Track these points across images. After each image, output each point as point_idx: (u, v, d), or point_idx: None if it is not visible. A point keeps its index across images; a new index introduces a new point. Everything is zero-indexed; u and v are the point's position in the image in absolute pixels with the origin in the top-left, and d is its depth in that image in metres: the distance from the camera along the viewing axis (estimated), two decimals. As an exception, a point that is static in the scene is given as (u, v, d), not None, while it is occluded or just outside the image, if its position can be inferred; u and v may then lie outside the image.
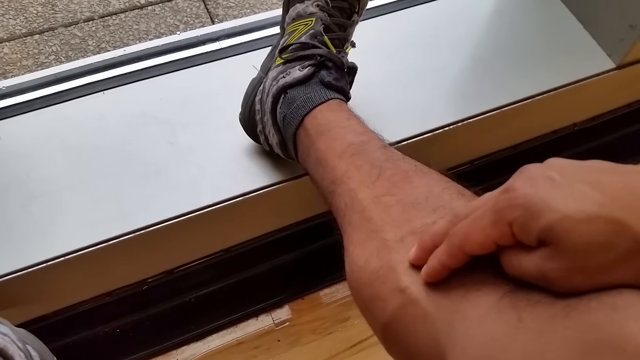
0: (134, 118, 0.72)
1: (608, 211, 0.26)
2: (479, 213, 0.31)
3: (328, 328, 0.78)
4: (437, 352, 0.34)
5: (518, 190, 0.29)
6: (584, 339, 0.27)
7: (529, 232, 0.29)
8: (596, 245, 0.26)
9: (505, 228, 0.30)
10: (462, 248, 0.32)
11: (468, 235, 0.31)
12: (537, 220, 0.28)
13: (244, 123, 0.67)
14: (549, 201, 0.28)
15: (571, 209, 0.27)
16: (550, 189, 0.28)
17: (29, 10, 1.19)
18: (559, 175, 0.29)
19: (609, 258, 0.26)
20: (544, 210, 0.28)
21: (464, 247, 0.32)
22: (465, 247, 0.32)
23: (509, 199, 0.29)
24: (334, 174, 0.48)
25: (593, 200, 0.27)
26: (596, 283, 0.27)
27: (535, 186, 0.29)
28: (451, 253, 0.33)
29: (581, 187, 0.27)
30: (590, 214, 0.27)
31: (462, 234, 0.32)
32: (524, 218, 0.28)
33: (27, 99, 0.74)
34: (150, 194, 0.66)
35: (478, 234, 0.31)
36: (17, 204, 0.65)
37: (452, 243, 0.33)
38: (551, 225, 0.27)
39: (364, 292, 0.40)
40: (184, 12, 1.21)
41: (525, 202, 0.29)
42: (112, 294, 0.72)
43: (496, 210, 0.30)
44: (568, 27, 0.86)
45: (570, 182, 0.28)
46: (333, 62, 0.58)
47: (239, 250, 0.77)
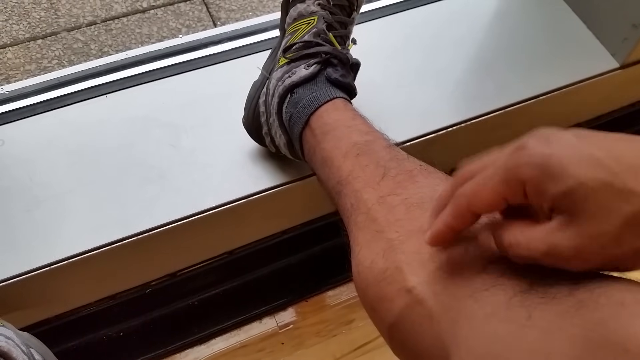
0: (137, 121, 0.72)
1: (621, 180, 0.26)
2: (489, 171, 0.30)
3: (332, 330, 0.78)
4: (443, 353, 0.33)
5: (534, 149, 0.28)
6: (589, 336, 0.26)
7: (543, 194, 0.28)
8: (608, 212, 0.26)
9: (518, 186, 0.29)
10: (469, 207, 0.31)
11: (476, 193, 0.30)
12: (554, 183, 0.27)
13: (248, 126, 0.67)
14: (567, 165, 0.27)
15: (588, 176, 0.26)
16: (567, 151, 0.27)
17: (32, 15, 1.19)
18: (576, 138, 0.28)
19: (618, 225, 0.26)
20: (561, 174, 0.27)
21: (472, 206, 0.31)
22: (473, 206, 0.31)
23: (525, 156, 0.28)
24: (339, 174, 0.48)
25: (609, 169, 0.26)
26: (606, 255, 0.27)
27: (551, 146, 0.28)
28: (457, 213, 0.31)
29: (598, 154, 0.27)
30: (605, 182, 0.26)
31: (470, 193, 0.31)
32: (540, 179, 0.28)
33: (30, 103, 0.74)
34: (154, 197, 0.66)
35: (488, 192, 0.30)
36: (20, 208, 0.65)
37: (458, 203, 0.31)
38: (569, 191, 0.27)
39: (370, 293, 0.39)
40: (186, 16, 1.21)
41: (542, 162, 0.27)
42: (115, 297, 0.72)
43: (509, 167, 0.29)
44: (571, 27, 0.85)
45: (587, 147, 0.27)
46: (338, 59, 0.58)
47: (243, 252, 0.77)
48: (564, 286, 0.30)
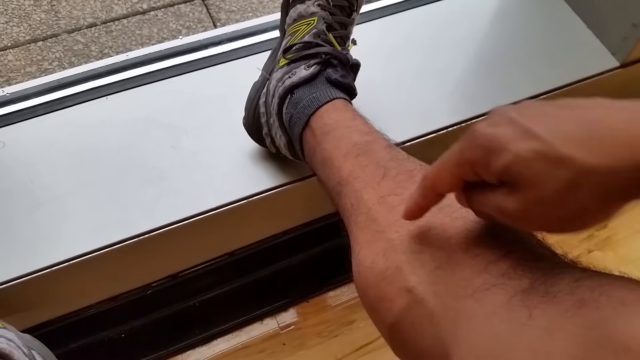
0: (137, 123, 0.72)
1: (553, 148, 0.28)
2: (447, 155, 0.33)
3: (333, 331, 0.78)
4: (443, 353, 0.33)
5: (478, 131, 0.31)
6: (590, 335, 0.26)
7: (489, 171, 0.30)
8: (544, 179, 0.28)
9: (469, 167, 0.32)
10: (433, 188, 0.35)
11: (437, 175, 0.34)
12: (496, 159, 0.30)
13: (248, 127, 0.67)
14: (505, 142, 0.29)
15: (523, 148, 0.29)
16: (507, 129, 0.30)
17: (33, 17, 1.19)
18: (517, 113, 0.30)
19: (555, 189, 0.28)
20: (500, 151, 0.29)
21: (435, 187, 0.34)
22: (436, 187, 0.34)
23: (471, 140, 0.31)
24: (339, 175, 0.48)
25: (541, 139, 0.28)
26: (547, 217, 0.29)
27: (494, 126, 0.31)
28: (424, 194, 0.35)
29: (534, 127, 0.29)
30: (537, 152, 0.28)
31: (432, 175, 0.34)
32: (484, 158, 0.30)
33: (30, 105, 0.74)
34: (154, 198, 0.66)
35: (445, 174, 0.33)
36: (21, 210, 0.65)
37: (424, 185, 0.35)
38: (508, 164, 0.29)
39: (370, 293, 0.39)
40: (186, 17, 1.21)
41: (484, 142, 0.30)
42: (116, 298, 0.72)
43: (460, 151, 0.32)
44: (571, 26, 0.85)
45: (526, 122, 0.29)
46: (338, 60, 0.59)
47: (244, 253, 0.77)
48: (565, 285, 0.30)
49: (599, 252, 0.88)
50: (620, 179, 0.27)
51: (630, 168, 0.26)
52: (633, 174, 0.26)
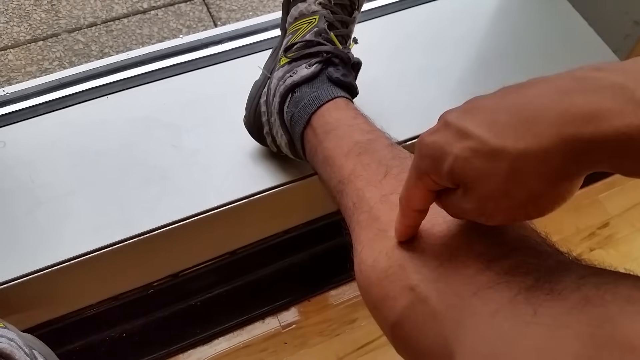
0: (138, 122, 0.72)
1: (485, 143, 0.28)
2: (408, 174, 0.34)
3: (335, 330, 0.77)
4: (446, 351, 0.33)
5: (422, 141, 0.31)
6: (595, 333, 0.26)
7: (441, 177, 0.31)
8: (486, 173, 0.28)
9: (428, 179, 0.32)
10: (410, 207, 0.35)
11: (407, 194, 0.34)
12: (441, 165, 0.30)
13: (249, 126, 0.67)
14: (444, 145, 0.30)
15: (460, 148, 0.29)
16: (443, 133, 0.30)
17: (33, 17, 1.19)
18: (452, 116, 0.30)
19: (498, 182, 0.28)
20: (443, 155, 0.30)
21: (411, 205, 0.35)
22: (411, 205, 0.35)
23: (418, 151, 0.32)
24: (341, 173, 0.48)
25: (473, 136, 0.28)
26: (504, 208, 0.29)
27: (433, 134, 0.31)
28: (405, 214, 0.36)
29: (463, 125, 0.29)
30: (472, 150, 0.28)
31: (404, 196, 0.35)
32: (433, 166, 0.31)
33: (31, 105, 0.74)
34: (155, 198, 0.66)
35: (413, 191, 0.34)
36: (22, 209, 0.65)
37: (401, 206, 0.36)
38: (450, 167, 0.29)
39: (373, 292, 0.39)
40: (186, 16, 1.21)
41: (428, 151, 0.31)
42: (117, 298, 0.72)
43: (414, 165, 0.33)
44: (572, 24, 0.85)
45: (457, 121, 0.29)
46: (340, 58, 0.58)
47: (245, 252, 0.77)
48: (570, 282, 0.30)
49: (600, 251, 0.88)
50: (555, 158, 0.26)
51: (560, 146, 0.26)
52: (565, 150, 0.26)
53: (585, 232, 0.89)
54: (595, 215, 0.91)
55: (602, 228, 0.90)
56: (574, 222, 0.90)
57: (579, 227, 0.90)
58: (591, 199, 0.92)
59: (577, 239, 0.88)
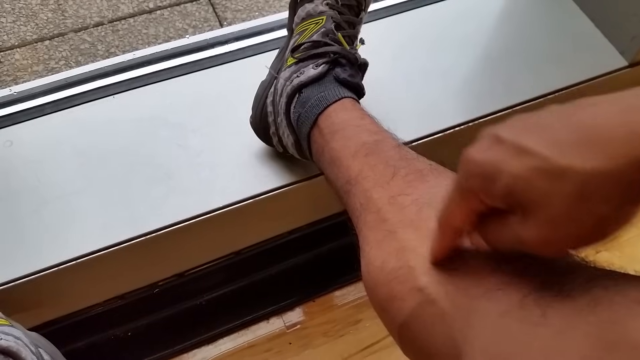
0: (144, 122, 0.72)
1: (550, 161, 0.26)
2: (450, 192, 0.32)
3: (340, 331, 0.77)
4: (454, 352, 0.33)
5: (469, 159, 0.30)
6: (604, 335, 0.26)
7: (493, 198, 0.29)
8: (551, 195, 0.26)
9: (475, 199, 0.30)
10: (450, 228, 0.33)
11: (449, 215, 0.33)
12: (495, 185, 0.28)
13: (256, 126, 0.67)
14: (499, 164, 0.28)
15: (519, 167, 0.27)
16: (496, 150, 0.28)
17: (40, 16, 1.19)
18: (506, 132, 0.28)
19: (566, 204, 0.26)
20: (497, 175, 0.28)
21: (451, 225, 0.33)
22: (452, 225, 0.33)
23: (466, 170, 0.30)
24: (348, 174, 0.48)
25: (535, 154, 0.27)
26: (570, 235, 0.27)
27: (484, 150, 0.29)
28: (444, 235, 0.34)
29: (522, 142, 0.27)
30: (536, 168, 0.26)
31: (445, 216, 0.33)
32: (484, 185, 0.29)
33: (37, 104, 0.74)
34: (161, 197, 0.66)
35: (457, 212, 0.32)
36: (28, 208, 0.65)
37: (442, 227, 0.34)
38: (508, 188, 0.27)
39: (380, 292, 0.39)
40: (192, 16, 1.21)
41: (479, 169, 0.29)
42: (123, 297, 0.72)
43: (459, 185, 0.31)
44: (579, 25, 0.85)
45: (516, 139, 0.28)
46: (347, 59, 0.58)
47: (250, 252, 0.77)
48: (579, 284, 0.30)
49: (606, 253, 0.87)
50: (626, 178, 0.25)
51: (632, 164, 0.25)
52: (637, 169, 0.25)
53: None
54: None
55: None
56: (579, 224, 0.89)
57: (584, 229, 0.89)
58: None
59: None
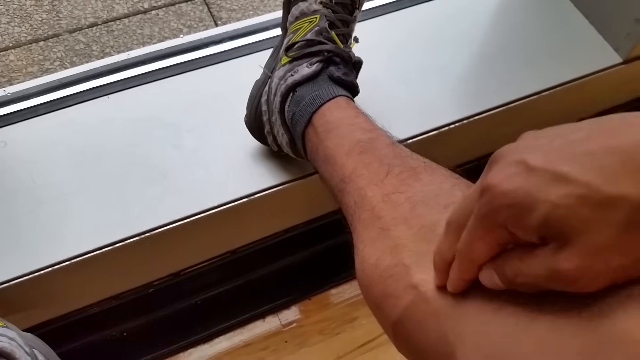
0: (139, 122, 0.72)
1: (595, 189, 0.24)
2: (471, 224, 0.30)
3: (336, 329, 0.77)
4: (447, 349, 0.33)
5: (496, 189, 0.27)
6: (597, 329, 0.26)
7: (526, 229, 0.27)
8: (597, 225, 0.24)
9: (501, 231, 0.28)
10: (472, 262, 0.31)
11: (471, 249, 0.30)
12: (530, 215, 0.26)
13: (250, 125, 0.67)
14: (535, 193, 0.26)
15: (559, 195, 0.25)
16: (528, 178, 0.26)
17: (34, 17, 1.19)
18: (534, 157, 0.27)
19: (613, 234, 0.24)
20: (533, 205, 0.26)
21: (474, 260, 0.31)
22: (474, 260, 0.31)
23: (491, 202, 0.28)
24: (342, 172, 0.48)
25: (576, 180, 0.25)
26: (613, 267, 0.25)
27: (512, 179, 0.27)
28: (466, 268, 0.32)
29: (560, 168, 0.25)
30: (580, 197, 0.25)
31: (466, 250, 0.31)
32: (515, 217, 0.27)
33: (32, 105, 0.74)
34: (156, 197, 0.66)
35: (480, 245, 0.30)
36: (23, 209, 0.65)
37: (462, 260, 0.32)
38: (547, 218, 0.25)
39: (375, 290, 0.39)
40: (187, 16, 1.21)
41: (508, 201, 0.27)
42: (118, 297, 0.72)
43: (483, 217, 0.28)
44: (573, 22, 0.85)
45: (547, 164, 0.26)
46: (341, 57, 0.58)
47: (245, 251, 0.77)
48: None
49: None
50: None
51: None
52: None
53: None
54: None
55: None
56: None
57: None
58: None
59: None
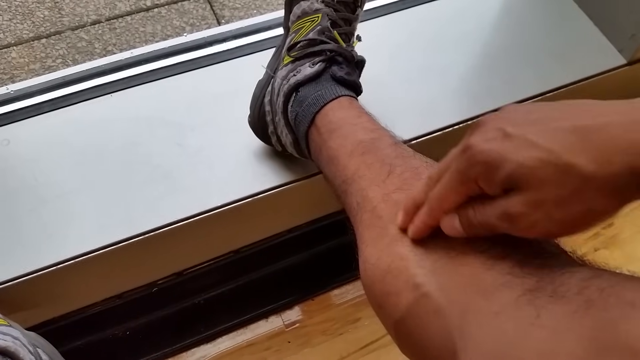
0: (142, 120, 0.72)
1: (557, 156, 0.29)
2: (448, 176, 0.35)
3: (338, 329, 0.77)
4: (449, 348, 0.33)
5: (475, 148, 0.33)
6: (598, 337, 0.26)
7: (492, 183, 0.32)
8: (549, 183, 0.30)
9: (473, 184, 0.33)
10: (441, 209, 0.36)
11: (443, 197, 0.35)
12: (497, 172, 0.31)
13: (254, 125, 0.66)
14: (505, 154, 0.31)
15: (525, 157, 0.30)
16: (503, 142, 0.31)
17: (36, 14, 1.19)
18: (512, 126, 0.32)
19: (561, 194, 0.30)
20: (502, 163, 0.31)
21: (442, 207, 0.36)
22: (443, 206, 0.36)
23: (469, 158, 0.33)
24: (345, 173, 0.48)
25: (543, 148, 0.30)
26: (552, 218, 0.30)
27: (489, 141, 0.32)
28: (432, 215, 0.37)
29: (531, 137, 0.31)
30: (541, 160, 0.30)
31: (438, 197, 0.36)
32: (486, 173, 0.32)
33: (35, 103, 0.74)
34: (159, 196, 0.66)
35: (452, 195, 0.35)
36: (26, 208, 0.65)
37: (431, 206, 0.36)
38: (510, 174, 0.31)
39: (376, 289, 0.39)
40: (190, 14, 1.21)
41: (484, 158, 0.32)
42: (121, 296, 0.72)
43: (460, 171, 0.34)
44: (578, 23, 0.85)
45: (522, 132, 0.31)
46: (343, 57, 0.58)
47: (249, 251, 0.77)
48: (574, 285, 0.30)
49: (605, 251, 0.88)
50: (620, 182, 0.28)
51: (628, 172, 0.28)
52: (631, 177, 0.28)
53: (590, 231, 0.89)
54: (600, 214, 0.90)
55: (606, 228, 0.89)
56: (578, 222, 0.89)
57: (583, 227, 0.89)
58: (595, 199, 0.92)
59: (581, 239, 0.88)
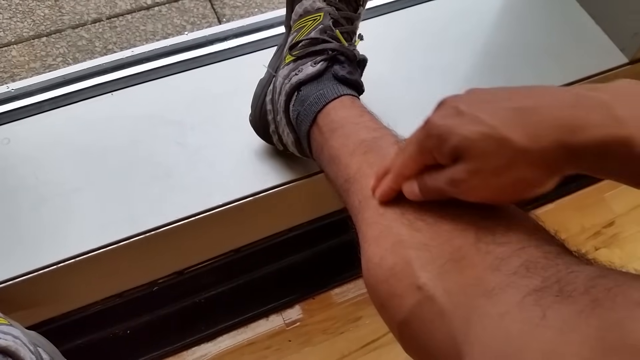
0: (143, 119, 0.72)
1: (496, 131, 0.34)
2: (409, 147, 0.40)
3: (339, 328, 0.77)
4: (454, 350, 0.33)
5: (431, 123, 0.37)
6: (604, 337, 0.26)
7: (443, 154, 0.37)
8: (488, 154, 0.34)
9: (428, 155, 0.38)
10: (402, 175, 0.41)
11: (405, 165, 0.40)
12: (446, 143, 0.36)
13: (255, 124, 0.66)
14: (454, 128, 0.36)
15: (469, 131, 0.35)
16: (454, 118, 0.36)
17: (36, 12, 1.19)
18: (465, 105, 0.36)
19: (497, 164, 0.34)
20: (450, 136, 0.36)
21: (404, 174, 0.41)
22: (404, 174, 0.41)
23: (426, 132, 0.38)
24: (347, 172, 0.48)
25: (486, 124, 0.34)
26: (489, 185, 0.35)
27: (444, 117, 0.37)
28: (396, 180, 0.41)
29: (478, 114, 0.35)
30: (483, 134, 0.34)
31: (401, 165, 0.41)
32: (438, 144, 0.37)
33: (35, 101, 0.74)
34: (160, 195, 0.66)
35: (412, 163, 0.40)
36: (26, 206, 0.65)
37: (395, 172, 0.41)
38: (456, 146, 0.35)
39: (380, 290, 0.39)
40: (190, 13, 1.21)
41: (437, 131, 0.37)
42: (122, 295, 0.72)
43: (419, 141, 0.39)
44: (579, 22, 0.85)
45: (472, 111, 0.35)
46: (345, 56, 0.58)
47: (249, 250, 0.76)
48: (580, 284, 0.30)
49: (606, 250, 0.88)
50: (548, 156, 0.32)
51: (556, 147, 0.32)
52: (559, 151, 0.32)
53: (591, 230, 0.89)
54: (601, 214, 0.91)
55: (607, 227, 0.90)
56: (579, 221, 0.89)
57: (584, 226, 0.89)
58: (596, 198, 0.92)
59: (582, 238, 0.88)
